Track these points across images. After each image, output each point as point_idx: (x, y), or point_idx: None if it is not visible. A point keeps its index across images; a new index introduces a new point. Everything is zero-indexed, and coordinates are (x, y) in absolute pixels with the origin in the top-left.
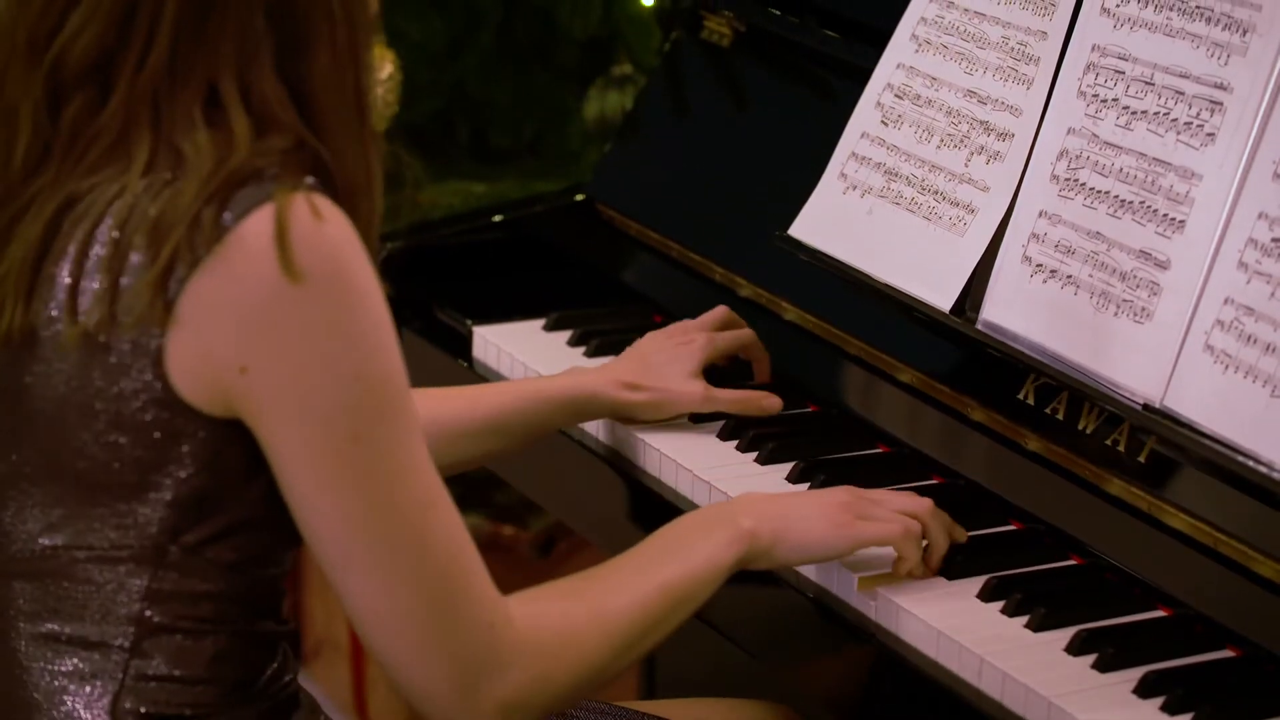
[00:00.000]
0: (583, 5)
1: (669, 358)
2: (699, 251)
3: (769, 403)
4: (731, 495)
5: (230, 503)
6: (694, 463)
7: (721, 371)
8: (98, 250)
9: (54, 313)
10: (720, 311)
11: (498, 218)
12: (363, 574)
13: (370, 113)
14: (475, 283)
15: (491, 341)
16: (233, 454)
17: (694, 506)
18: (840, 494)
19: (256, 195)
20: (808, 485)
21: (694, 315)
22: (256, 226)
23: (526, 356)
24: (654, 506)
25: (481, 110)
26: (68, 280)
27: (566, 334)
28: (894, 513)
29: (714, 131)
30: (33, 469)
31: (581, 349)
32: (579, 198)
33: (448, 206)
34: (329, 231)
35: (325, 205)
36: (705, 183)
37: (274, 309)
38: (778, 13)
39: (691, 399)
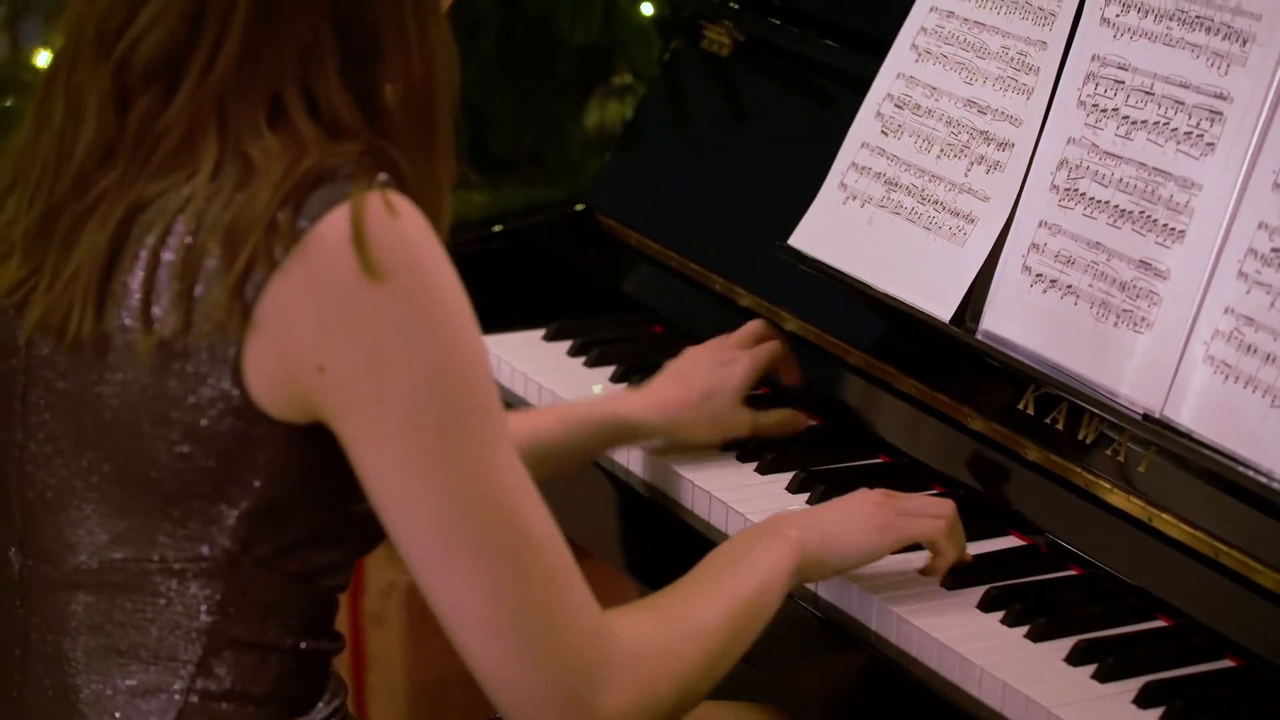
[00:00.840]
0: (583, 14)
1: (715, 383)
2: (699, 261)
3: (797, 419)
4: (732, 504)
5: (302, 513)
6: (693, 472)
7: None
8: (169, 257)
9: (127, 321)
10: (756, 325)
11: (497, 227)
12: (459, 575)
13: (443, 127)
14: (475, 292)
15: (491, 351)
16: (305, 463)
17: (691, 513)
18: (871, 496)
19: (331, 195)
20: (807, 495)
21: (694, 325)
22: (334, 226)
23: (526, 366)
24: (646, 507)
25: (481, 119)
26: (140, 288)
27: (566, 344)
28: (927, 509)
29: (714, 141)
30: (100, 478)
31: (581, 359)
32: (579, 207)
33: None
34: (405, 227)
35: (400, 201)
36: (705, 192)
37: (353, 306)
38: (777, 22)
39: (740, 426)
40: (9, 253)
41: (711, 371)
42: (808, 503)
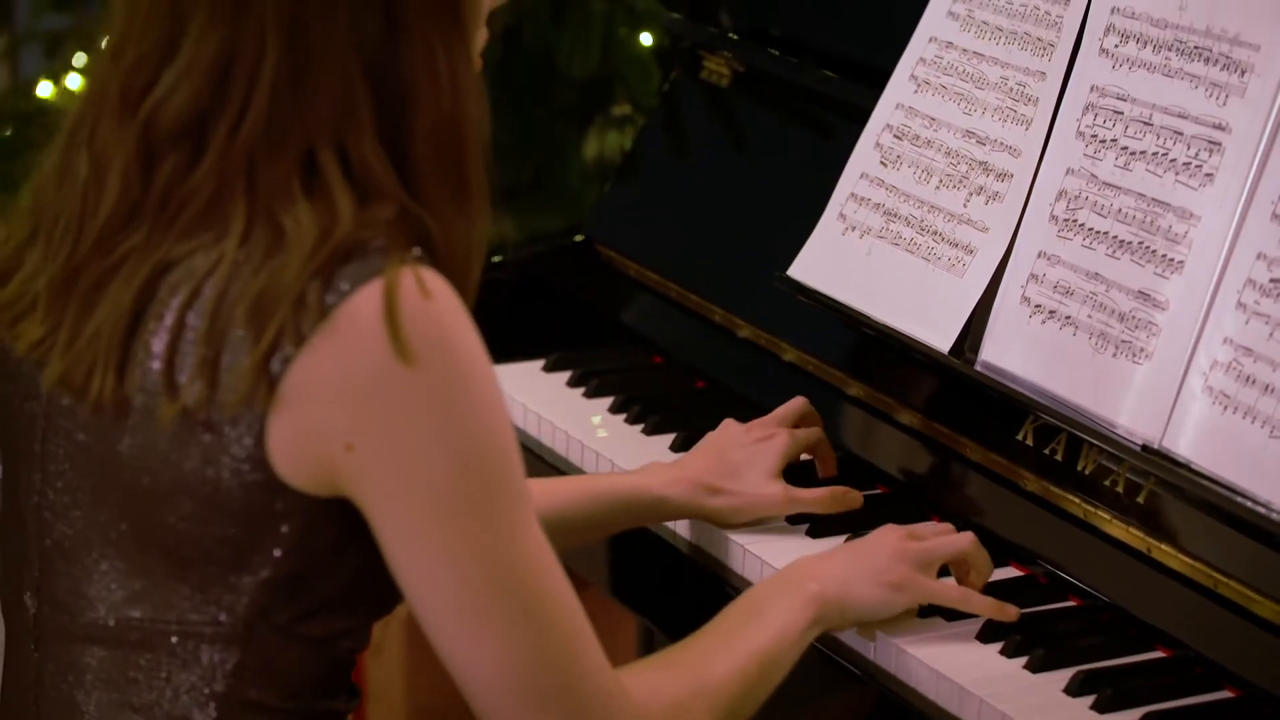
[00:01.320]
0: (582, 45)
1: (747, 456)
2: (698, 292)
3: (852, 498)
4: (730, 535)
5: (322, 580)
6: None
7: None
8: (194, 322)
9: (149, 385)
10: (798, 403)
11: (497, 258)
12: (479, 645)
13: (476, 177)
14: (474, 322)
15: None
16: (327, 532)
17: (675, 535)
18: (890, 540)
19: (362, 271)
20: (805, 526)
21: (694, 356)
22: (364, 304)
23: (526, 397)
24: (636, 536)
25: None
26: (164, 353)
27: (566, 374)
28: (948, 546)
29: (713, 172)
30: (119, 535)
31: (581, 389)
32: (578, 238)
33: None
34: (437, 308)
35: (432, 279)
36: (704, 223)
37: (383, 388)
38: (776, 53)
39: (773, 501)
40: (31, 307)
41: (745, 447)
42: (808, 533)
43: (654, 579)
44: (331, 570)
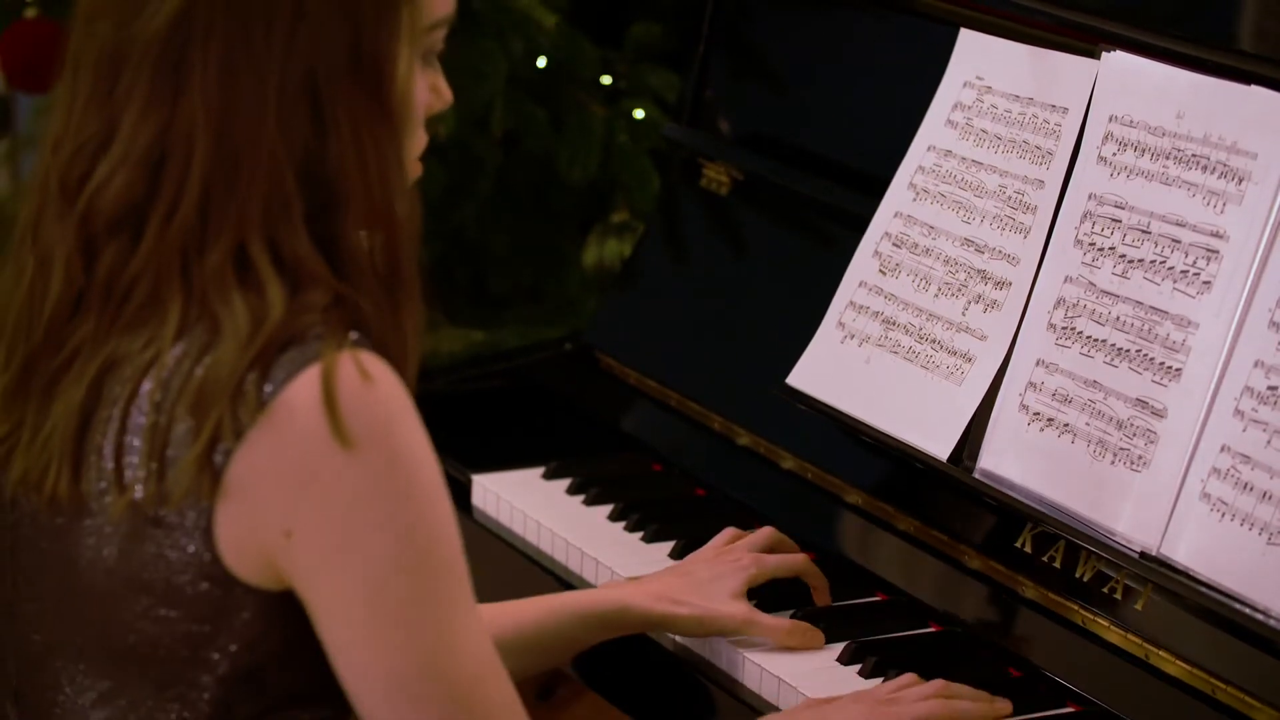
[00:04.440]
0: (581, 152)
1: (713, 574)
2: (697, 400)
3: (813, 636)
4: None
5: (285, 673)
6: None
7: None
8: (140, 420)
9: (102, 484)
10: (766, 533)
11: (497, 365)
12: None
13: (408, 272)
14: (474, 431)
15: (491, 490)
16: (286, 627)
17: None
18: (864, 701)
19: (299, 358)
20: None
21: (693, 464)
22: (302, 392)
23: (526, 505)
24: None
25: (480, 257)
26: (113, 451)
27: (565, 482)
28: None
29: (712, 279)
30: (82, 640)
31: (580, 497)
32: (577, 345)
33: (446, 354)
34: (378, 392)
35: (372, 363)
36: (704, 331)
37: (321, 473)
38: (775, 161)
39: (733, 619)
40: None
41: (712, 566)
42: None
43: (646, 683)
44: (293, 663)
